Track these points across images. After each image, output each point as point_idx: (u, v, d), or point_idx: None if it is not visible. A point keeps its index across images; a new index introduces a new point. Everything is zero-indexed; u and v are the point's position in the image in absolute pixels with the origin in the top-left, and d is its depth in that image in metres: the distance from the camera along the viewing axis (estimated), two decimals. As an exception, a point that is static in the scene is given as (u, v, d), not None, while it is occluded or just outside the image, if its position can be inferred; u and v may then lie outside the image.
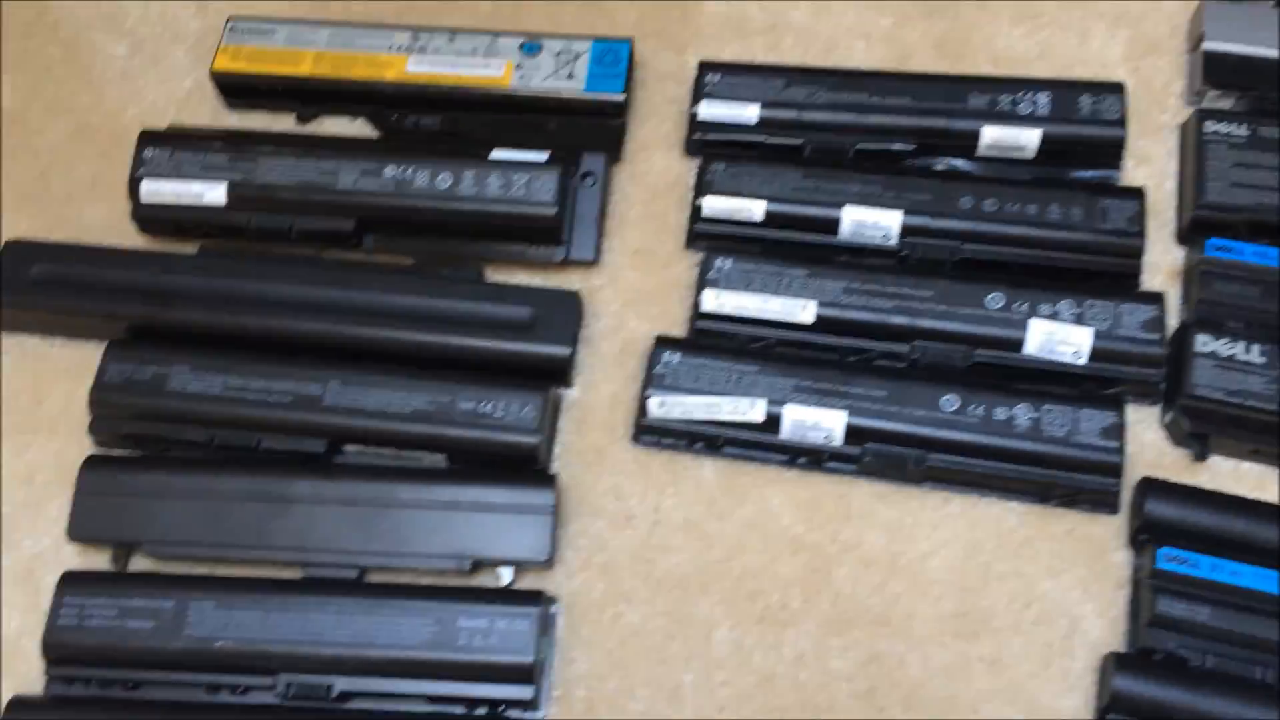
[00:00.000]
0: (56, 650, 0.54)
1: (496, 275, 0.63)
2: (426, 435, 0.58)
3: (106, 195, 0.67)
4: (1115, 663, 0.52)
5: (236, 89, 0.68)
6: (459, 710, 0.53)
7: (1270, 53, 0.64)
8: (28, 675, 0.55)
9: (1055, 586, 0.55)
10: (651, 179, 0.66)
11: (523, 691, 0.53)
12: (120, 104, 0.70)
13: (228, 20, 0.68)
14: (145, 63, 0.71)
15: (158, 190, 0.63)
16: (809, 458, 0.58)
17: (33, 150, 0.69)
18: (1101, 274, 0.61)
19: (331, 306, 0.60)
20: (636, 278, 0.63)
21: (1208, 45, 0.65)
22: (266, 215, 0.63)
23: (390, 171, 0.62)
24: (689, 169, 0.66)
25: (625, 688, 0.54)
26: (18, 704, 0.53)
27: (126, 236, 0.65)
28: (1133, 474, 0.57)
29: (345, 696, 0.53)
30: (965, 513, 0.57)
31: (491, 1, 0.70)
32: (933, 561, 0.56)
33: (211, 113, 0.69)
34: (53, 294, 0.62)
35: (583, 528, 0.58)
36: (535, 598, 0.54)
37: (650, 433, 0.59)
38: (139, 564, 0.57)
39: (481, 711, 0.53)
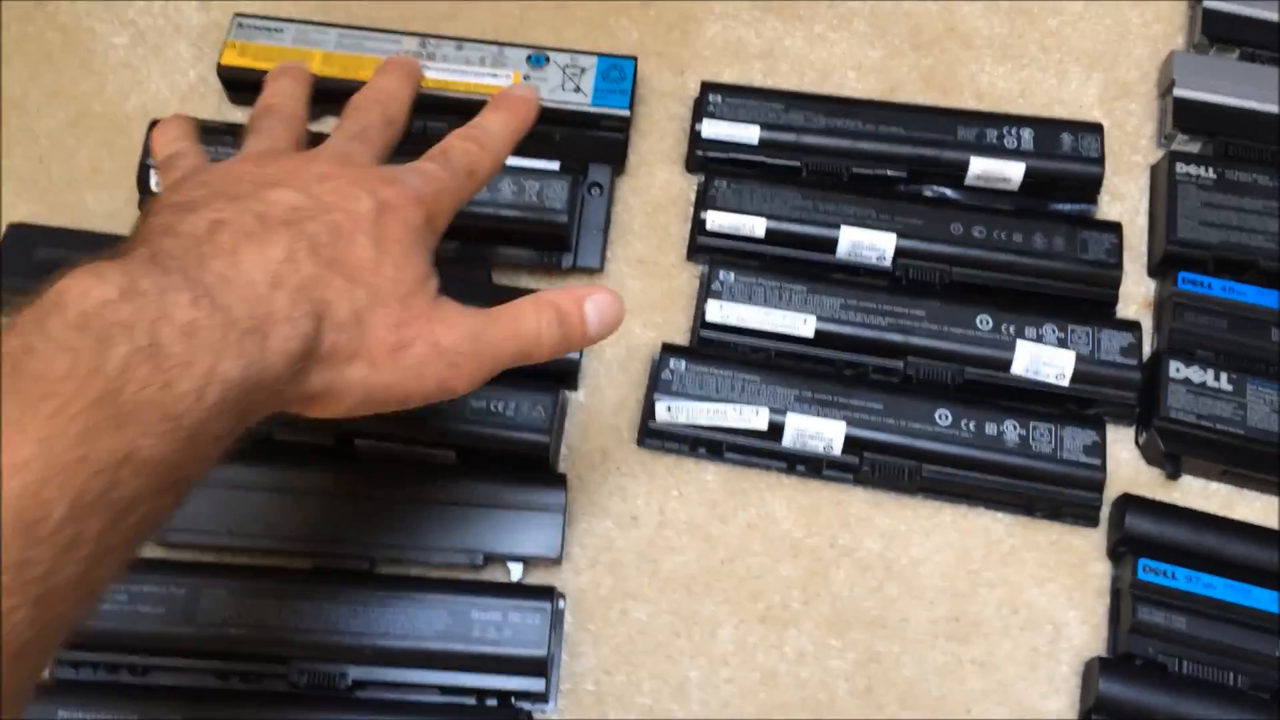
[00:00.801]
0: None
1: (503, 279, 0.64)
2: (438, 431, 0.58)
3: (108, 183, 0.66)
4: (1100, 667, 0.54)
5: (242, 84, 0.68)
6: (470, 701, 0.53)
7: (1236, 102, 0.68)
8: (29, 660, 0.54)
9: (1040, 594, 0.57)
10: (654, 192, 0.67)
11: (534, 684, 0.53)
12: (121, 93, 0.69)
13: (234, 16, 0.68)
14: (147, 53, 0.70)
15: (169, 180, 0.62)
16: (808, 465, 0.60)
17: (32, 135, 0.67)
18: (1081, 301, 0.64)
19: (343, 302, 0.60)
20: (639, 287, 0.64)
21: (1178, 92, 0.68)
22: (278, 209, 0.62)
23: (405, 172, 0.62)
24: (689, 184, 0.67)
25: (633, 682, 0.55)
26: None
27: (128, 224, 0.64)
28: (1110, 490, 0.59)
29: (358, 685, 0.53)
30: (956, 522, 0.59)
31: (496, 5, 0.71)
32: (926, 568, 0.58)
33: (215, 106, 0.69)
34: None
35: (589, 527, 0.58)
36: (546, 593, 0.55)
37: (656, 436, 0.60)
38: (149, 551, 0.56)
39: (492, 703, 0.53)
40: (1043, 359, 0.61)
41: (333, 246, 0.40)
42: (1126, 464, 0.61)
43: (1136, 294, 0.65)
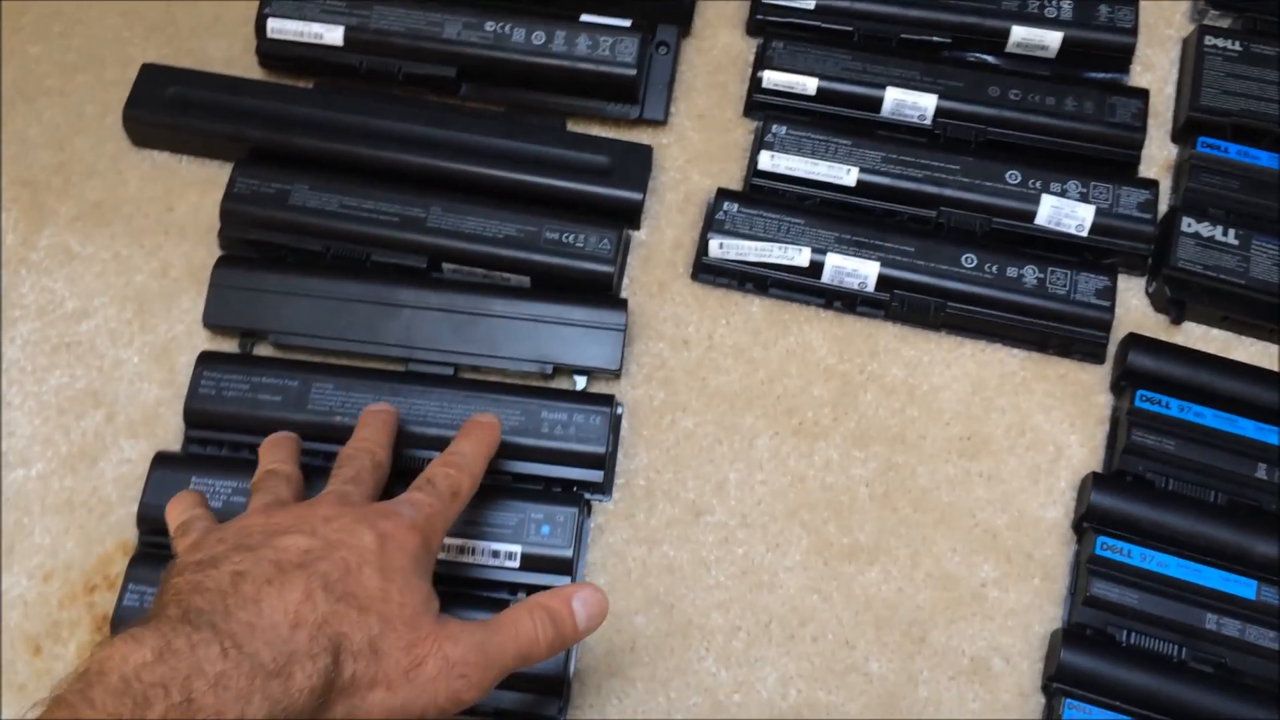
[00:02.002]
0: (196, 416, 0.61)
1: (576, 127, 0.70)
2: (515, 259, 0.65)
3: (226, 32, 0.72)
4: (1093, 481, 0.60)
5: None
6: (538, 488, 0.61)
7: (1268, -21, 0.70)
8: (165, 438, 0.62)
9: (1046, 420, 0.63)
10: (716, 54, 0.72)
11: (594, 475, 0.60)
12: (238, -49, 0.75)
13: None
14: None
15: (282, 28, 0.68)
16: (843, 302, 0.65)
17: (159, -13, 0.74)
18: (1106, 161, 0.68)
19: (434, 142, 0.66)
20: (699, 139, 0.70)
21: (1213, -31, 0.71)
22: (378, 58, 0.69)
23: (490, 26, 0.68)
24: (749, 47, 0.72)
25: (679, 480, 0.62)
26: (162, 458, 0.60)
27: (246, 70, 0.71)
28: (1117, 333, 0.64)
29: (443, 470, 0.60)
30: (974, 355, 0.65)
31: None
32: (944, 394, 0.64)
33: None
34: (184, 113, 0.67)
35: (646, 348, 0.65)
36: (607, 400, 0.62)
37: (708, 271, 0.66)
38: (266, 351, 0.64)
39: (558, 489, 0.61)
40: (1064, 211, 0.65)
41: (344, 581, 0.44)
42: (1135, 310, 0.66)
43: (1159, 158, 0.69)
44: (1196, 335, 0.65)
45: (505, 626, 0.47)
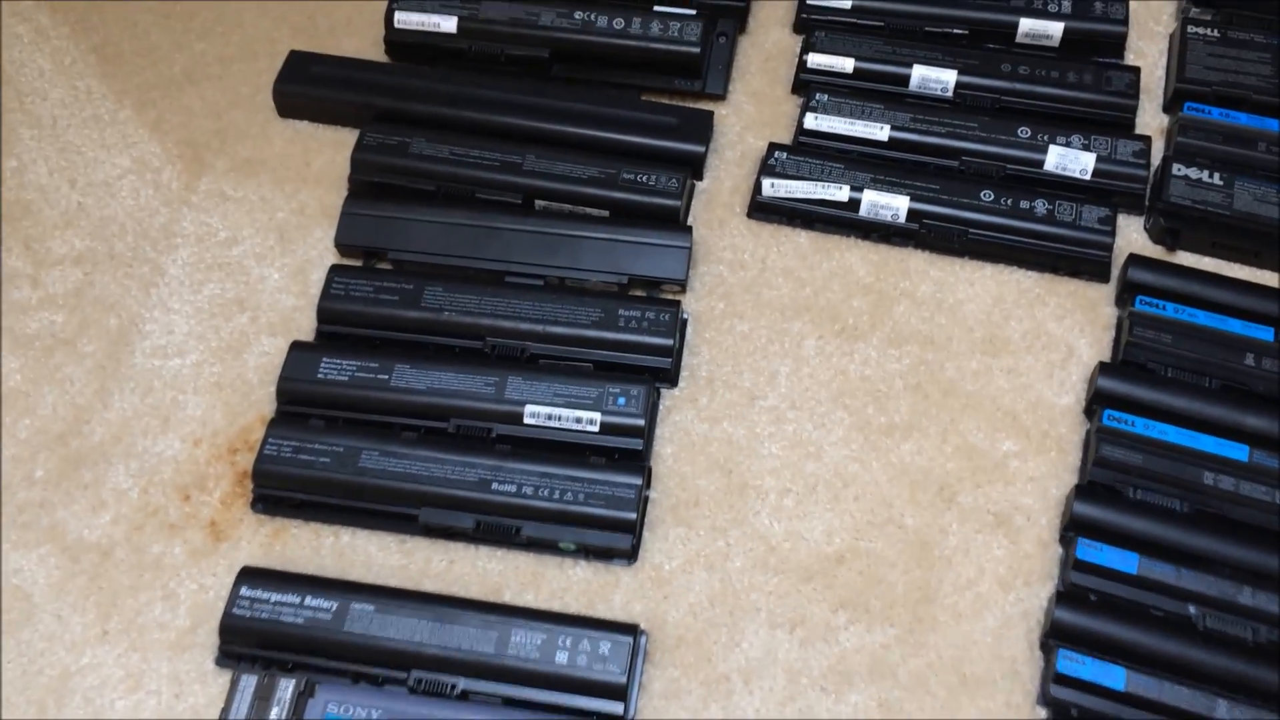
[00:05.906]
0: (327, 313, 0.68)
1: (649, 98, 0.77)
2: (596, 196, 0.72)
3: (357, 32, 0.81)
4: (1100, 368, 0.65)
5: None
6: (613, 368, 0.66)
7: (1240, -23, 0.78)
8: (299, 337, 0.69)
9: (1059, 326, 0.68)
10: (768, 47, 0.80)
11: (662, 362, 0.66)
12: (368, -27, 0.85)
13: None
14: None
15: (407, 19, 0.77)
16: (878, 233, 0.72)
17: (304, -2, 0.84)
18: (1105, 123, 0.74)
19: (530, 107, 0.74)
20: (753, 111, 0.77)
21: (1193, -27, 0.79)
22: (484, 42, 0.77)
23: (579, 14, 0.77)
24: (796, 43, 0.80)
25: (736, 371, 0.67)
26: (298, 344, 0.67)
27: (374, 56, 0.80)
28: (1119, 264, 0.70)
29: (534, 359, 0.67)
30: (994, 276, 0.70)
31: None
32: (969, 306, 0.69)
33: (437, -17, 0.84)
34: (324, 87, 0.76)
35: (708, 269, 0.71)
36: (674, 304, 0.68)
37: (761, 209, 0.73)
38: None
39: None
40: (1069, 158, 0.72)
41: None
42: (1134, 243, 0.71)
43: (1152, 125, 0.75)
44: (1189, 262, 0.70)
45: None
